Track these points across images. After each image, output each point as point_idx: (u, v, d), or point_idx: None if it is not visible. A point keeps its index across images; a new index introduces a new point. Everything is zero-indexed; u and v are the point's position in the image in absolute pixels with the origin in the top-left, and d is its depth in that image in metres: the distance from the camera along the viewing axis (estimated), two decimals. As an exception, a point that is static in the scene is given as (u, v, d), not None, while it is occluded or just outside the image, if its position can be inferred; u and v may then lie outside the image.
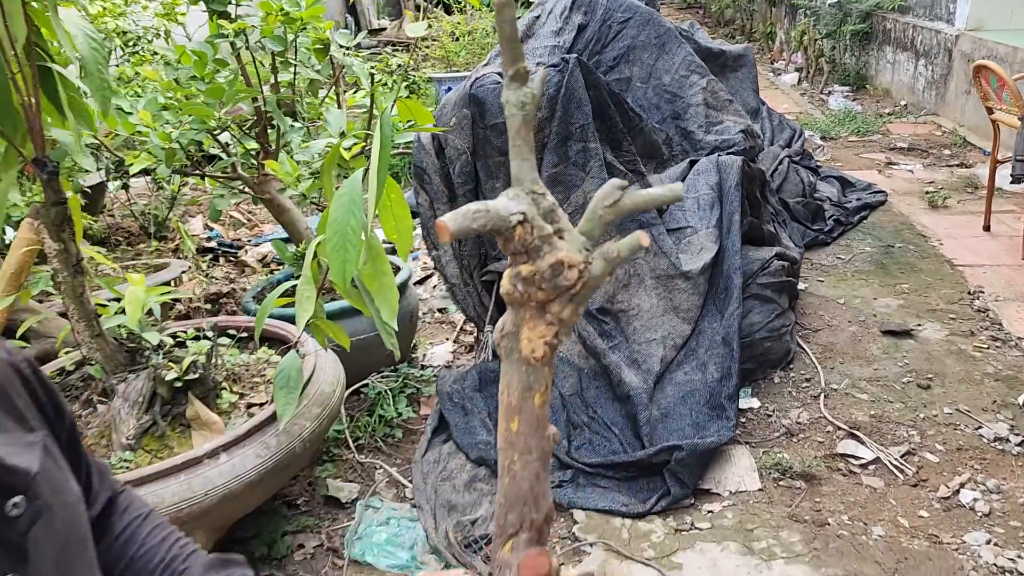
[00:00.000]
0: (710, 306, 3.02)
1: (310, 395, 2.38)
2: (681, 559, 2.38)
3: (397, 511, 2.63)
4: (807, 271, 4.11)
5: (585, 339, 2.89)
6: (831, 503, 2.58)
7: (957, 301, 3.78)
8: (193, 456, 2.08)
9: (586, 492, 2.64)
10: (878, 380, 3.20)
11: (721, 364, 2.89)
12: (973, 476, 2.66)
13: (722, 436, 2.71)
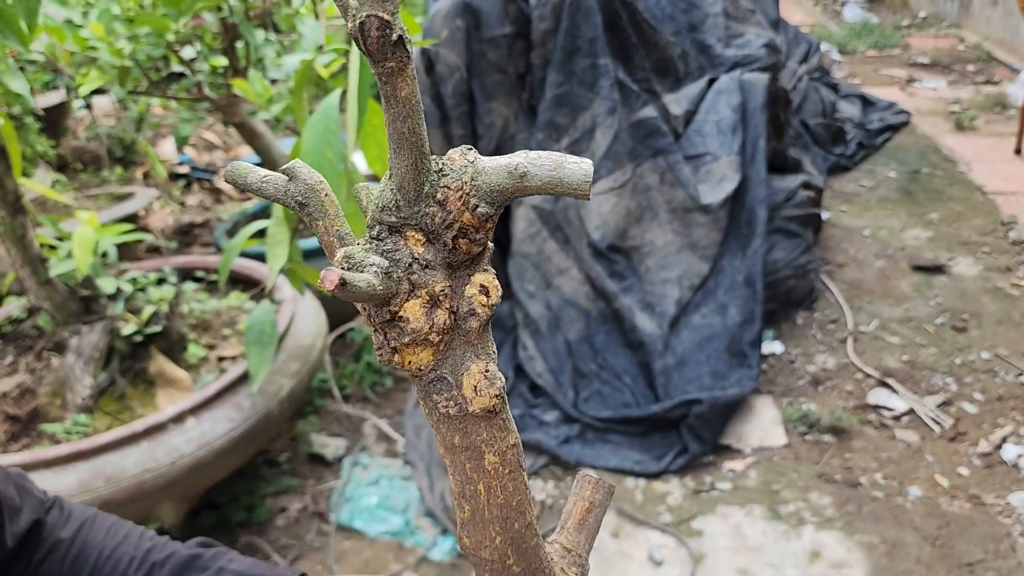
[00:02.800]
0: (731, 242, 2.74)
1: (287, 349, 2.12)
2: (701, 525, 2.17)
3: (388, 469, 2.41)
4: (829, 200, 3.82)
5: (594, 280, 2.62)
6: (863, 460, 2.36)
7: (990, 232, 3.51)
8: (156, 421, 1.84)
9: (595, 449, 2.41)
10: (909, 321, 2.95)
11: (743, 307, 2.63)
12: (1016, 429, 2.44)
13: (744, 387, 2.47)
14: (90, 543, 0.83)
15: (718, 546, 2.11)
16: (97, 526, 0.85)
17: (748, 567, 2.04)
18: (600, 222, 2.65)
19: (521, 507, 0.51)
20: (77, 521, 0.85)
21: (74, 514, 0.85)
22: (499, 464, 0.49)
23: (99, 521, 0.86)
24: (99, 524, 0.86)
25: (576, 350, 2.62)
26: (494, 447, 0.49)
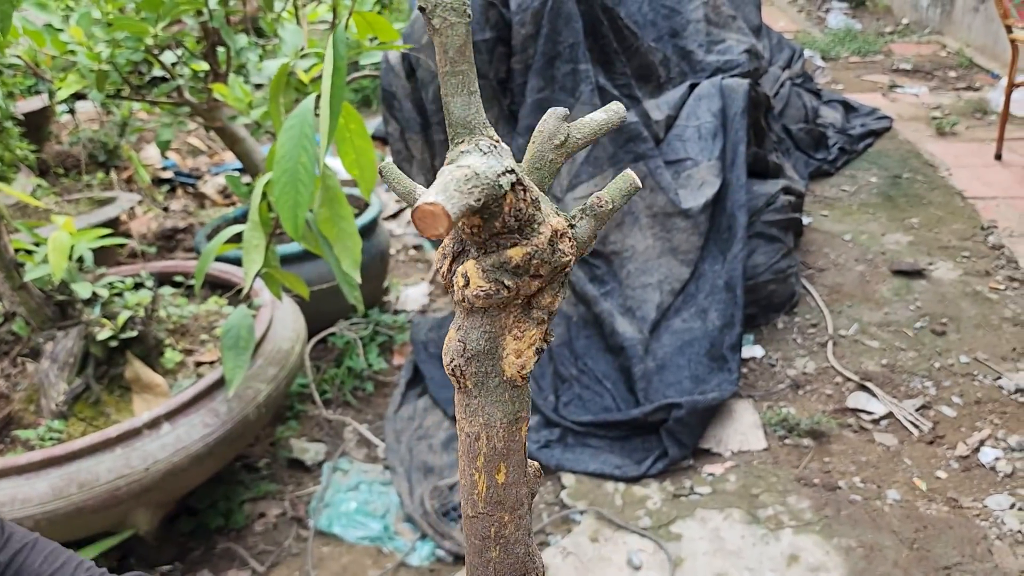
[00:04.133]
0: (711, 247, 2.75)
1: (265, 354, 2.11)
2: (680, 529, 2.17)
3: (368, 474, 2.40)
4: (810, 204, 3.84)
5: (574, 285, 2.62)
6: (841, 463, 2.37)
7: (970, 237, 3.53)
8: (130, 427, 1.83)
9: (575, 453, 2.41)
10: (889, 325, 2.96)
11: (723, 311, 2.64)
12: (993, 432, 2.45)
13: (724, 391, 2.48)
14: (26, 568, 0.83)
15: (696, 550, 2.11)
16: (36, 552, 0.85)
17: (726, 571, 2.04)
18: (580, 227, 2.65)
19: None
20: (16, 545, 0.85)
21: (14, 538, 0.85)
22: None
23: (38, 547, 0.86)
24: (38, 550, 0.86)
25: (557, 355, 2.62)
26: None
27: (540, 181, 0.57)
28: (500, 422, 0.60)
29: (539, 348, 0.58)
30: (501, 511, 0.61)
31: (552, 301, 0.58)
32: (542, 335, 0.58)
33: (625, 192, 0.57)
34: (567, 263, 0.57)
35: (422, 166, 2.82)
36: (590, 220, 0.57)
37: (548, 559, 2.10)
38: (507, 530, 0.61)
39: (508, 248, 0.53)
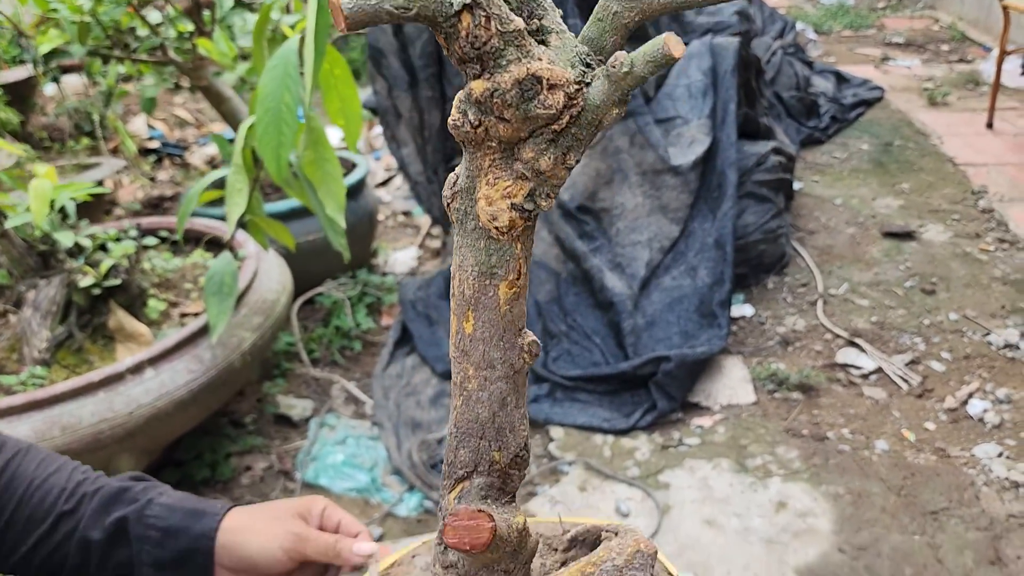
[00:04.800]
0: (701, 205, 2.74)
1: (250, 303, 2.09)
2: (669, 478, 2.17)
3: (355, 429, 2.39)
4: (801, 170, 3.83)
5: (563, 241, 2.61)
6: (830, 416, 2.37)
7: (960, 201, 3.53)
8: (113, 371, 1.81)
9: (564, 407, 2.40)
10: (879, 285, 2.96)
11: (713, 268, 2.63)
12: (982, 386, 2.45)
13: (713, 345, 2.47)
14: (20, 474, 0.81)
15: (685, 498, 2.10)
16: (29, 458, 0.84)
17: (714, 517, 2.04)
18: (569, 183, 2.64)
19: None
20: (9, 452, 0.83)
21: (7, 445, 0.84)
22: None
23: (32, 453, 0.84)
24: (31, 456, 0.84)
25: (546, 311, 2.61)
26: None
27: (598, 36, 0.49)
28: (471, 269, 0.58)
29: (517, 206, 0.55)
30: (466, 362, 0.58)
31: (536, 158, 0.54)
32: (522, 194, 0.55)
33: (652, 59, 0.45)
34: (548, 118, 0.52)
35: (410, 124, 2.80)
36: (603, 82, 0.49)
37: (536, 508, 2.09)
38: (470, 384, 0.58)
39: (472, 79, 0.51)
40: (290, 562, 0.77)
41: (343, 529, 0.81)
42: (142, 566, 0.78)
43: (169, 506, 0.78)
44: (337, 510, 0.83)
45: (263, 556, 0.76)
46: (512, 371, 0.57)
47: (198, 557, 0.77)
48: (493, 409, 0.57)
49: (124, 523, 0.78)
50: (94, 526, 0.78)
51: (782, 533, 1.99)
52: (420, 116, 2.82)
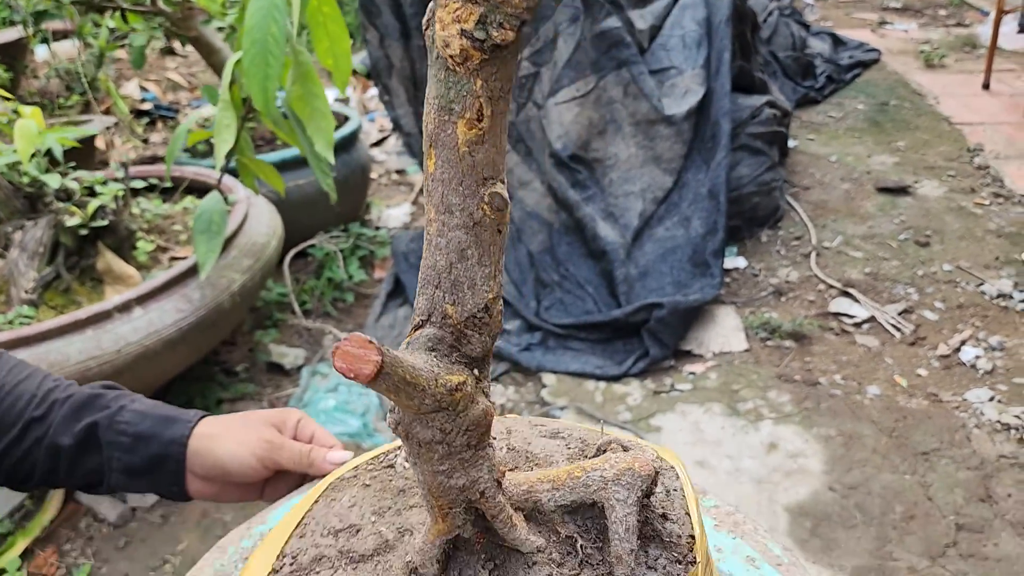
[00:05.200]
0: (695, 156, 2.72)
1: (240, 246, 2.08)
2: (660, 422, 2.17)
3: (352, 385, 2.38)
4: (797, 129, 3.81)
5: (556, 190, 2.60)
6: (823, 363, 2.37)
7: (956, 158, 3.51)
8: (101, 309, 1.80)
9: (556, 355, 2.40)
10: (873, 237, 2.95)
11: (706, 218, 2.61)
12: (974, 334, 2.45)
13: (706, 294, 2.46)
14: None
15: (677, 441, 2.10)
16: (0, 364, 0.82)
17: (706, 459, 2.04)
18: (562, 132, 2.62)
19: None
20: None
21: None
22: None
23: (2, 360, 0.82)
24: (2, 363, 0.82)
25: (538, 261, 2.60)
26: None
27: None
28: (433, 101, 0.55)
29: (471, 36, 0.51)
30: (429, 204, 0.54)
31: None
32: (472, 19, 0.50)
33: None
34: None
35: (401, 74, 2.78)
36: None
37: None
38: (431, 228, 0.55)
39: None
40: (263, 470, 0.75)
41: (317, 441, 0.79)
42: (112, 472, 0.76)
43: (140, 412, 0.76)
44: (311, 423, 0.81)
45: (235, 463, 0.74)
46: (471, 221, 0.54)
47: (169, 463, 0.75)
48: (451, 259, 0.55)
49: (94, 429, 0.76)
50: (64, 432, 0.76)
51: (773, 473, 1.99)
52: (411, 66, 2.79)
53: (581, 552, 0.48)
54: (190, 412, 0.78)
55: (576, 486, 0.49)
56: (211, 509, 1.97)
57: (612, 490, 0.47)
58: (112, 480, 0.76)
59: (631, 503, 0.46)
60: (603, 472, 0.48)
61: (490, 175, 0.48)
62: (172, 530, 1.91)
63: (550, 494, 0.49)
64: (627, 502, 0.46)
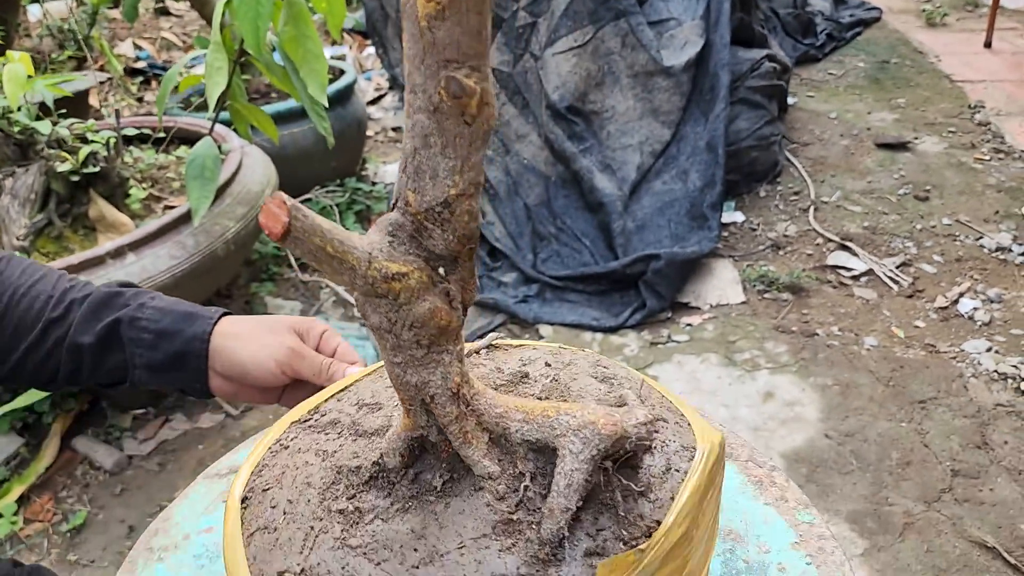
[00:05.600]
0: (693, 108, 2.69)
1: (234, 194, 2.06)
2: (657, 372, 2.16)
3: (344, 330, 2.37)
4: (796, 86, 3.77)
5: (552, 142, 2.57)
6: (820, 315, 2.36)
7: (956, 115, 3.48)
8: (93, 255, 1.78)
9: (553, 307, 2.39)
10: (872, 192, 2.93)
11: (704, 171, 2.59)
12: (973, 286, 2.44)
13: (703, 246, 2.45)
14: (3, 282, 0.78)
15: (672, 390, 2.10)
16: (12, 266, 0.80)
17: (702, 407, 2.03)
18: (559, 83, 2.59)
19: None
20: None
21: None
22: None
23: (14, 262, 0.80)
24: (14, 265, 0.80)
25: (535, 214, 2.58)
26: None
27: None
28: None
29: None
30: (407, 80, 0.51)
31: None
32: None
33: None
34: None
35: (397, 25, 2.74)
36: None
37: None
38: (406, 106, 0.52)
39: None
40: (282, 376, 0.74)
41: (340, 355, 0.77)
42: (135, 369, 0.75)
43: (162, 309, 0.75)
44: (337, 336, 0.79)
45: (255, 365, 0.73)
46: (431, 106, 0.51)
47: (191, 360, 0.74)
48: (415, 143, 0.52)
49: (116, 327, 0.75)
50: (85, 331, 0.75)
51: (769, 421, 1.99)
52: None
53: (523, 492, 0.45)
54: (211, 309, 0.77)
55: (543, 425, 0.46)
56: (207, 457, 1.97)
57: (569, 439, 0.44)
58: (136, 376, 0.76)
59: (583, 459, 0.43)
60: (570, 419, 0.45)
61: (454, 58, 0.44)
62: (169, 477, 1.91)
63: (519, 425, 0.47)
64: (578, 456, 0.43)
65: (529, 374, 0.56)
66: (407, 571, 0.44)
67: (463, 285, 0.43)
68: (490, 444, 0.47)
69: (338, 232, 0.47)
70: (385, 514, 0.47)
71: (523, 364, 0.58)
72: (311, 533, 0.47)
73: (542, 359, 0.59)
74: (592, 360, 0.60)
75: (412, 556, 0.44)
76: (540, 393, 0.53)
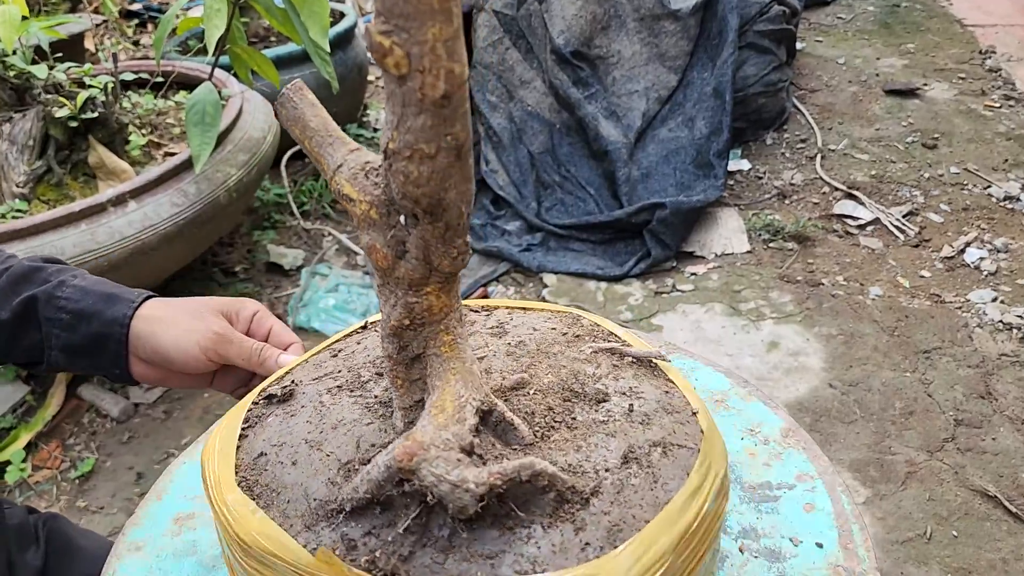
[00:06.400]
0: (700, 53, 2.64)
1: (235, 140, 2.03)
2: (661, 321, 2.16)
3: (347, 278, 2.37)
4: (804, 31, 3.70)
5: (557, 88, 2.53)
6: (825, 264, 2.35)
7: (967, 61, 3.42)
8: (95, 202, 1.76)
9: (557, 256, 2.38)
10: (880, 140, 2.90)
11: (711, 118, 2.55)
12: (980, 235, 2.42)
13: (709, 195, 2.43)
14: None
15: (677, 339, 2.10)
16: None
17: (706, 356, 2.04)
18: (564, 27, 2.53)
19: None
20: None
21: None
22: None
23: None
24: None
25: (539, 161, 2.55)
26: None
27: None
28: None
29: None
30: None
31: None
32: None
33: None
34: None
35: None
36: None
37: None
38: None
39: None
40: (207, 361, 0.70)
41: (273, 338, 0.73)
42: (51, 350, 0.72)
43: (82, 288, 0.72)
44: (270, 317, 0.75)
45: (178, 352, 0.69)
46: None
47: (110, 344, 0.71)
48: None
49: (33, 303, 0.71)
50: (2, 306, 0.71)
51: (773, 371, 1.99)
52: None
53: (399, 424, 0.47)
54: (135, 291, 0.73)
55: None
56: (213, 405, 1.98)
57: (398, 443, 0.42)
58: (52, 358, 0.72)
59: (380, 466, 0.41)
60: (422, 427, 0.42)
61: (380, 11, 0.41)
62: (175, 425, 1.92)
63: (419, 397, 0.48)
64: (381, 464, 0.41)
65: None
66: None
67: (427, 247, 0.41)
68: (409, 393, 0.47)
69: (322, 133, 0.46)
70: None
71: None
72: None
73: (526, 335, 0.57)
74: (615, 335, 0.58)
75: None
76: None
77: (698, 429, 0.48)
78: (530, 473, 0.40)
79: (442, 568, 0.40)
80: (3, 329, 0.71)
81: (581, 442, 0.46)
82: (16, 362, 0.75)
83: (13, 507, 0.83)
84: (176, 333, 0.69)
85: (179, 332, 0.69)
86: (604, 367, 0.52)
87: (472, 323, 0.61)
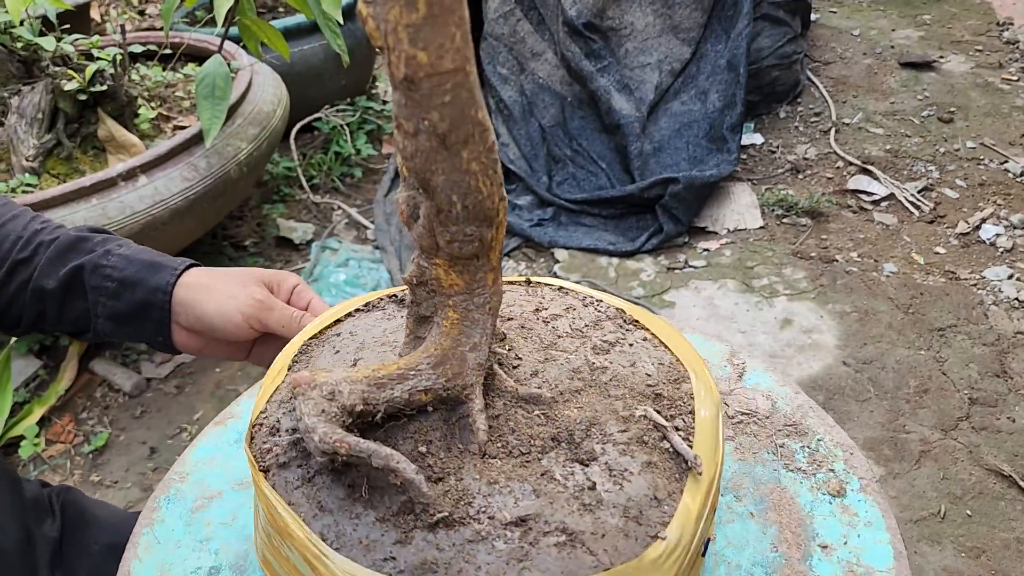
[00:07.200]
0: (715, 25, 2.60)
1: (245, 114, 2.01)
2: (674, 297, 2.15)
3: (357, 253, 2.35)
4: (818, 2, 3.65)
5: (569, 61, 2.49)
6: (839, 240, 2.33)
7: (984, 32, 3.37)
8: (105, 177, 1.75)
9: (568, 231, 2.36)
10: (895, 114, 2.86)
11: (724, 92, 2.52)
12: (996, 211, 2.40)
13: (722, 169, 2.40)
14: None
15: (690, 316, 2.09)
16: None
17: (719, 334, 2.03)
18: (577, -2, 2.49)
19: None
20: None
21: None
22: None
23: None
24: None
25: (550, 135, 2.52)
26: None
27: None
28: None
29: None
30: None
31: None
32: None
33: None
34: None
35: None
36: None
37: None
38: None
39: None
40: (249, 330, 0.71)
41: (312, 309, 0.74)
42: (98, 319, 0.73)
43: (127, 257, 0.73)
44: (309, 291, 0.76)
45: (221, 318, 0.70)
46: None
47: (153, 311, 0.72)
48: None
49: (79, 272, 0.72)
50: (49, 275, 0.72)
51: (786, 348, 1.99)
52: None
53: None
54: (178, 260, 0.74)
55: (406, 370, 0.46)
56: (224, 380, 1.98)
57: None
58: (99, 326, 0.73)
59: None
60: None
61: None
62: (188, 400, 1.92)
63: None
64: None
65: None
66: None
67: (429, 220, 0.42)
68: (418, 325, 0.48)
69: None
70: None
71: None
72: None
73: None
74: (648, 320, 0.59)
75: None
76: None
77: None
78: (383, 464, 0.40)
79: (297, 492, 0.44)
80: (52, 298, 0.73)
81: (522, 484, 0.43)
82: (65, 331, 0.76)
83: (28, 481, 0.84)
84: (219, 300, 0.70)
85: (222, 299, 0.70)
86: (632, 432, 0.47)
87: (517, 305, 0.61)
